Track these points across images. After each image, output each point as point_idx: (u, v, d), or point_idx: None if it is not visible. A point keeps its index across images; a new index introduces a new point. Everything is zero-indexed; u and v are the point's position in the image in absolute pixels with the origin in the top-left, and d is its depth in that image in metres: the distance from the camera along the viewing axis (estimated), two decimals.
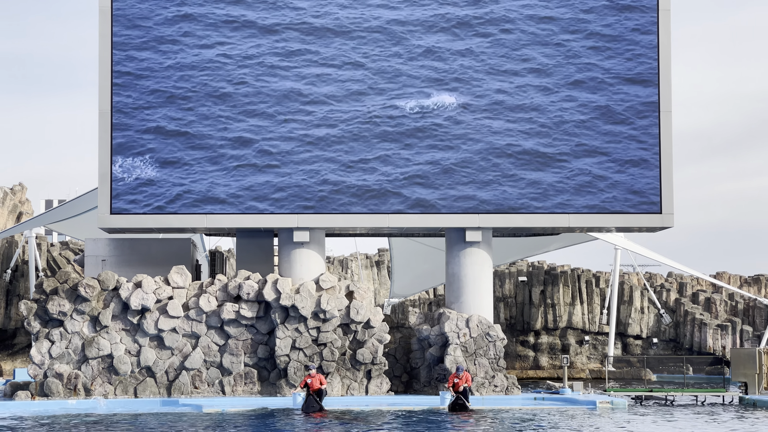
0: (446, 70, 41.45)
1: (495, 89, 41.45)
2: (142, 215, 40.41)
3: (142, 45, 40.80)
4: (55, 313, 40.01)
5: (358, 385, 40.72)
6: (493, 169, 41.03)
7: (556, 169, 41.10)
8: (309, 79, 41.21)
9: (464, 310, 41.99)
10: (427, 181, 40.90)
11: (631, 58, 41.54)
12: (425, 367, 42.35)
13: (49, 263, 66.52)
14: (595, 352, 70.60)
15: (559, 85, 41.51)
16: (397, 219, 41.02)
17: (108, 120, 40.51)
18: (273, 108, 40.96)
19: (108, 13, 40.67)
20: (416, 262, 59.91)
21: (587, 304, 71.18)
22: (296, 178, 40.63)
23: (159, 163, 40.50)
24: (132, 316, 40.19)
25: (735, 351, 45.96)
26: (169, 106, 40.71)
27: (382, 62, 41.41)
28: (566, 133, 41.29)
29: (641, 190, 41.20)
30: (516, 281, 71.65)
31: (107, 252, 41.52)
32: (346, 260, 74.84)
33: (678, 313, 71.23)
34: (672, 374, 60.81)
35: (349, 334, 40.86)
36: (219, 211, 40.42)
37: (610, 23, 41.63)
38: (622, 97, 41.47)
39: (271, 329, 40.72)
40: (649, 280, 74.28)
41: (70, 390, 39.63)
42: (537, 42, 41.61)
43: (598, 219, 41.50)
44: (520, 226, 41.65)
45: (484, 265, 42.42)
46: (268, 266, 42.46)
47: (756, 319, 70.64)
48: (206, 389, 40.28)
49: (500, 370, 41.57)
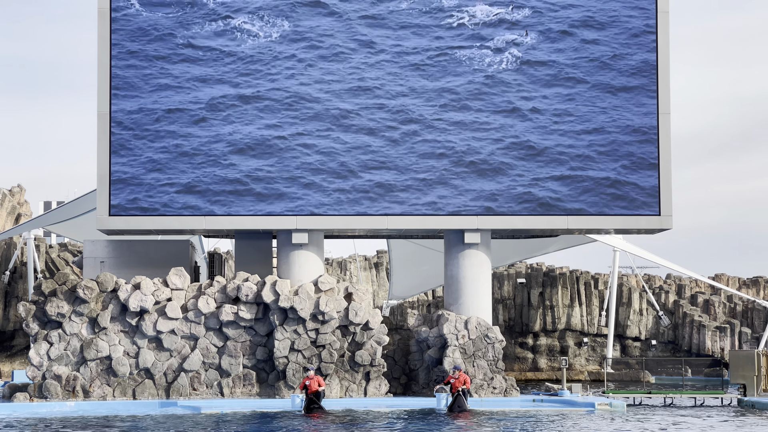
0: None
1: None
2: (140, 217, 40.39)
3: (141, 47, 40.78)
4: (54, 315, 39.99)
5: (356, 386, 40.70)
6: (491, 170, 41.04)
7: (554, 170, 41.08)
8: (311, 84, 41.24)
9: (463, 311, 41.98)
10: (427, 183, 40.89)
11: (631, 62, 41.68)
12: (424, 368, 42.34)
13: (48, 265, 66.48)
14: (593, 353, 70.57)
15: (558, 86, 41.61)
16: (395, 221, 41.02)
17: (107, 122, 40.49)
18: (273, 110, 40.95)
19: (107, 15, 40.65)
20: (415, 263, 59.88)
21: (586, 305, 71.16)
22: (295, 179, 40.60)
23: (158, 165, 40.46)
24: (131, 318, 40.18)
25: (734, 353, 45.96)
26: (169, 108, 40.66)
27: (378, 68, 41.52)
28: (565, 134, 41.29)
29: (640, 192, 41.19)
30: (515, 283, 71.62)
31: (106, 254, 41.51)
32: (344, 262, 74.80)
33: (676, 315, 71.22)
34: (671, 376, 60.70)
35: (347, 335, 40.85)
36: (217, 212, 40.41)
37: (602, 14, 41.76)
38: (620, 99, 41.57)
39: (269, 331, 40.71)
40: (648, 282, 74.26)
41: (69, 392, 39.61)
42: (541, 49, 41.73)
43: (596, 221, 41.50)
44: (519, 227, 41.66)
45: (483, 267, 42.42)
46: (266, 268, 42.45)
47: (755, 321, 70.61)
48: (205, 391, 40.27)
49: (499, 372, 41.57)
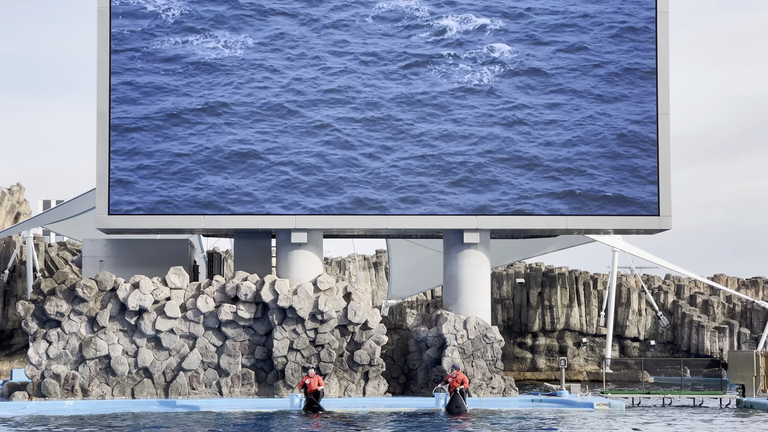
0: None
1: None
2: (139, 216, 40.37)
3: (141, 45, 40.75)
4: (53, 314, 39.97)
5: (355, 386, 40.70)
6: (491, 170, 41.03)
7: (554, 171, 41.07)
8: (309, 81, 41.22)
9: (462, 311, 41.98)
10: (426, 183, 40.88)
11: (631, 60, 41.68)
12: (423, 368, 42.33)
13: (47, 264, 66.47)
14: (592, 354, 70.58)
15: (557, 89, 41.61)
16: (394, 221, 41.01)
17: (106, 121, 40.47)
18: (273, 111, 40.93)
19: (106, 14, 40.62)
20: (414, 263, 59.86)
21: (585, 306, 71.16)
22: (294, 179, 40.59)
23: (157, 164, 40.43)
24: (129, 317, 40.16)
25: (732, 353, 45.94)
26: (168, 107, 40.64)
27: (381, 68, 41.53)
28: (564, 135, 41.28)
29: (639, 193, 41.17)
30: (514, 283, 71.62)
31: (105, 253, 41.50)
32: (343, 261, 74.81)
33: (675, 316, 71.23)
34: (669, 376, 60.72)
35: (346, 335, 40.84)
36: (217, 212, 40.40)
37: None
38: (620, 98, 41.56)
39: (268, 330, 40.70)
40: (647, 283, 74.26)
41: (68, 391, 39.60)
42: (538, 49, 41.72)
43: (595, 221, 41.49)
44: (518, 227, 41.65)
45: (482, 267, 42.41)
46: (265, 267, 42.43)
47: (753, 322, 70.62)
48: (204, 390, 40.26)
49: (498, 372, 41.56)
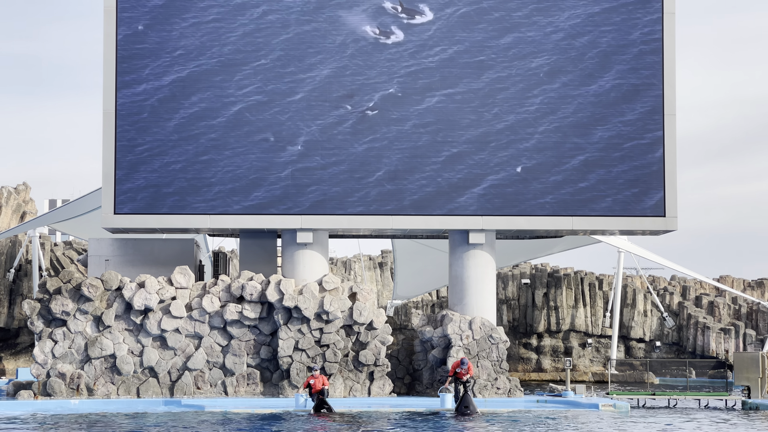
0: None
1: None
2: (145, 215, 40.39)
3: (147, 44, 40.76)
4: (59, 313, 40.02)
5: (360, 386, 40.70)
6: (497, 171, 40.99)
7: (559, 171, 41.02)
8: (318, 81, 41.19)
9: (467, 312, 41.96)
10: (431, 183, 40.85)
11: (636, 65, 41.59)
12: (428, 368, 42.33)
13: (53, 263, 66.55)
14: (597, 355, 70.56)
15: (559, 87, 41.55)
16: (400, 221, 41.00)
17: (112, 120, 40.49)
18: (279, 109, 40.92)
19: (113, 13, 40.63)
20: (419, 263, 59.87)
21: (590, 306, 71.13)
22: (299, 179, 40.60)
23: (163, 164, 40.45)
24: (135, 317, 40.19)
25: (738, 355, 45.89)
26: (174, 106, 40.66)
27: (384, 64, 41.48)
28: (569, 135, 41.23)
29: (645, 194, 41.13)
30: (519, 284, 71.62)
31: (110, 252, 41.54)
32: (349, 261, 74.85)
33: (681, 317, 71.17)
34: (675, 378, 60.74)
35: (351, 335, 40.85)
36: (222, 211, 40.41)
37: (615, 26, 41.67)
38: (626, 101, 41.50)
39: (273, 330, 40.71)
40: (653, 284, 74.22)
41: (73, 390, 39.64)
42: (543, 45, 41.66)
43: (601, 222, 41.46)
44: (524, 228, 41.62)
45: (487, 267, 42.39)
46: (271, 267, 42.44)
47: (759, 323, 70.56)
48: (209, 390, 40.28)
49: (503, 373, 41.55)
